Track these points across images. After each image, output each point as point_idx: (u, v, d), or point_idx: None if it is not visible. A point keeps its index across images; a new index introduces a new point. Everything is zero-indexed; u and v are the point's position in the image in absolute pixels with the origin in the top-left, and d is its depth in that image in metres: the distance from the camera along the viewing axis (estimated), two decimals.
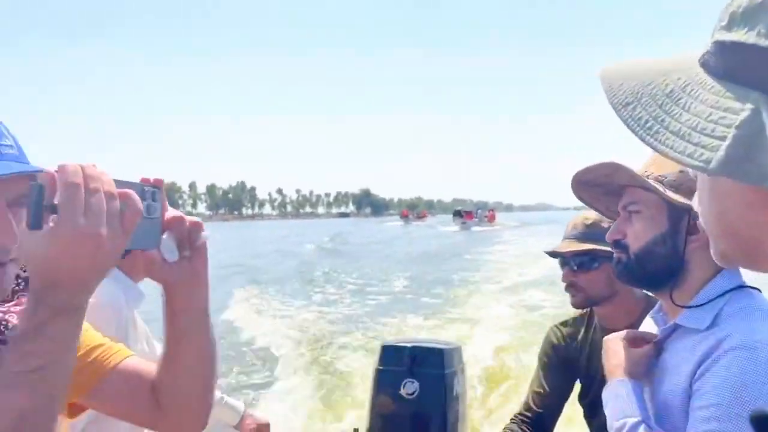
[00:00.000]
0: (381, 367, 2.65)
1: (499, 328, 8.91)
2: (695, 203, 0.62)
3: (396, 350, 2.64)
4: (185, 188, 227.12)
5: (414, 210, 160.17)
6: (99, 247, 0.81)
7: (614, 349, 1.39)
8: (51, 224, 0.79)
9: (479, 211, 71.70)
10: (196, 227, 0.99)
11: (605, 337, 1.44)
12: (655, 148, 0.51)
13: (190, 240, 0.99)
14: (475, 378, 5.65)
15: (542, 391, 2.29)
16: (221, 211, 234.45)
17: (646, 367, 1.34)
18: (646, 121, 0.53)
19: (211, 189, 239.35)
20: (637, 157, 1.39)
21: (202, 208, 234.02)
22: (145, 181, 0.91)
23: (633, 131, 0.54)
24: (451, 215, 71.48)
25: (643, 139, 0.53)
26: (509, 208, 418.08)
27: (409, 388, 2.54)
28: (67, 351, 0.84)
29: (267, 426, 2.51)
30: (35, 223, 0.77)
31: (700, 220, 0.59)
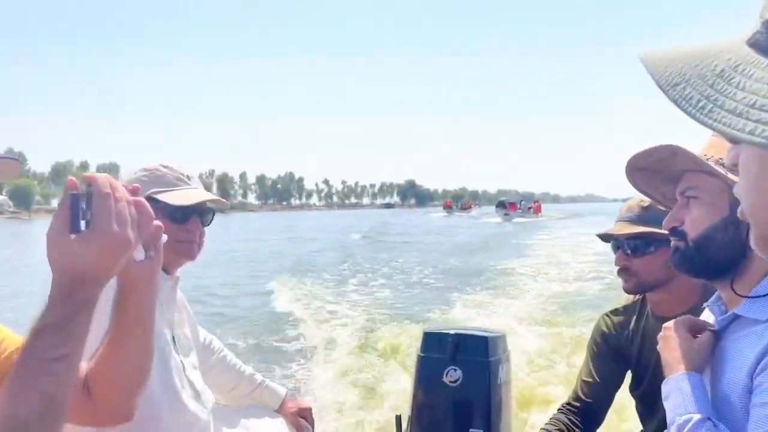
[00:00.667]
0: (423, 354, 2.60)
1: (541, 315, 8.75)
2: None
3: (438, 337, 2.59)
4: (236, 178, 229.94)
5: (459, 201, 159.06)
6: (126, 249, 0.95)
7: (674, 339, 1.32)
8: (84, 229, 0.91)
9: (523, 202, 69.77)
10: (158, 230, 1.08)
11: (664, 325, 1.37)
12: (711, 127, 0.50)
13: (153, 241, 1.09)
14: (520, 365, 5.57)
15: (591, 380, 2.23)
16: (270, 201, 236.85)
17: (707, 358, 1.27)
18: (698, 101, 0.51)
19: (260, 179, 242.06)
20: (690, 142, 1.33)
21: (252, 198, 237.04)
22: (124, 186, 1.01)
23: (685, 111, 0.52)
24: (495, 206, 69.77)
25: (696, 119, 0.51)
26: (556, 199, 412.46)
27: (452, 375, 2.50)
28: (84, 341, 0.93)
29: (309, 410, 2.51)
30: (77, 228, 0.90)
31: (742, 206, 0.58)
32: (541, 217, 59.93)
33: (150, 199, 1.84)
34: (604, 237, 2.15)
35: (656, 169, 1.40)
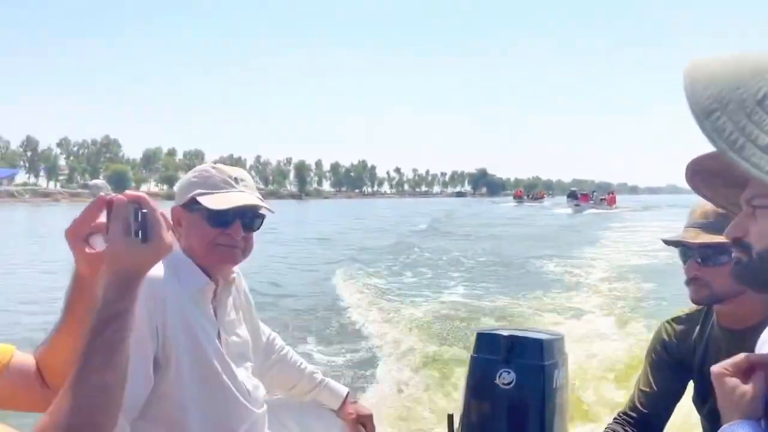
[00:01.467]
0: (476, 355, 2.56)
1: (602, 318, 8.43)
2: None
3: (492, 338, 2.54)
4: (312, 166, 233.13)
5: (532, 190, 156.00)
6: (170, 251, 1.16)
7: (725, 385, 1.21)
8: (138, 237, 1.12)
9: (595, 192, 66.72)
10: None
11: (713, 370, 1.27)
12: (738, 165, 0.46)
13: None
14: (579, 369, 5.41)
15: (649, 390, 2.13)
16: (344, 188, 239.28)
17: (761, 400, 1.16)
18: (731, 134, 0.46)
19: (335, 167, 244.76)
20: None
21: (326, 185, 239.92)
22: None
23: (714, 144, 0.48)
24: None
25: (724, 153, 0.48)
26: (634, 190, 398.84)
27: (506, 378, 2.44)
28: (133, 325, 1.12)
29: (369, 417, 2.43)
30: (148, 238, 1.13)
31: None
32: (615, 208, 57.18)
33: (193, 200, 1.87)
34: (675, 243, 2.01)
35: (719, 173, 1.29)
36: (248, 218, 1.91)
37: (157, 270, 1.77)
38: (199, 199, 1.85)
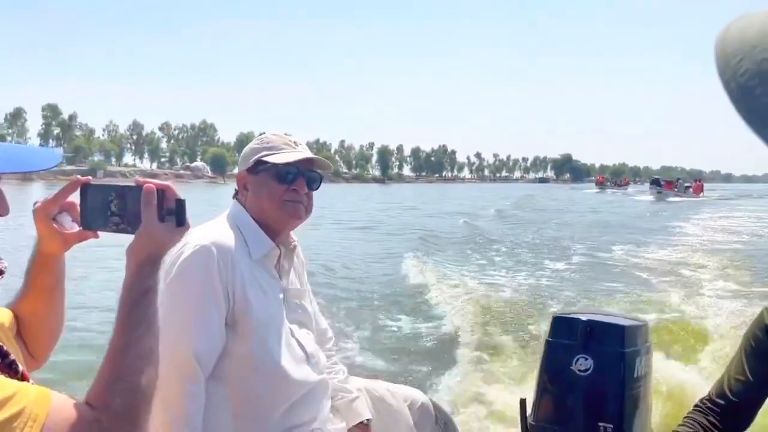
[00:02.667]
0: (552, 340, 2.44)
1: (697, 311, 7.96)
2: None
3: (569, 323, 2.41)
4: (394, 151, 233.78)
5: (618, 177, 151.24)
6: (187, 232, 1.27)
7: None
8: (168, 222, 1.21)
9: (680, 180, 62.94)
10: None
11: None
12: None
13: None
14: (665, 356, 5.15)
15: (743, 378, 1.97)
16: (424, 173, 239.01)
17: None
18: None
19: (415, 152, 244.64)
20: None
21: (407, 170, 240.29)
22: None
23: (754, 129, 0.42)
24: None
25: (766, 140, 0.41)
26: (728, 178, 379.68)
27: (583, 364, 2.32)
28: None
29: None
30: (185, 223, 1.23)
31: None
32: (701, 197, 54.01)
33: (259, 161, 2.00)
34: None
35: None
36: (309, 176, 2.03)
37: (226, 235, 1.91)
38: (266, 158, 1.99)
